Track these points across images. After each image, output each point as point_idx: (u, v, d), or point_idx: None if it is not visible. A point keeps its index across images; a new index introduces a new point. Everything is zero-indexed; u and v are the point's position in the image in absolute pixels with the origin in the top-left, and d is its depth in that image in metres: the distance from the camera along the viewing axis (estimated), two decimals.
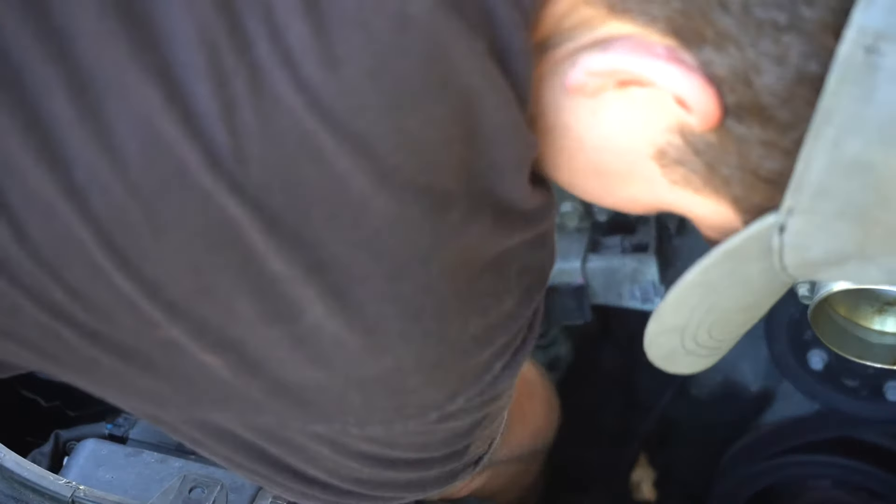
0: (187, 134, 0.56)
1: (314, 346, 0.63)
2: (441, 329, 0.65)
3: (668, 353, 0.73)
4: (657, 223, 1.36)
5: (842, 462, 1.40)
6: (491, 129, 0.61)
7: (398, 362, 0.65)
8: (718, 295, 0.68)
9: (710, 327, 0.71)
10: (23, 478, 0.86)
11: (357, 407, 0.67)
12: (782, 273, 0.64)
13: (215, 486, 0.83)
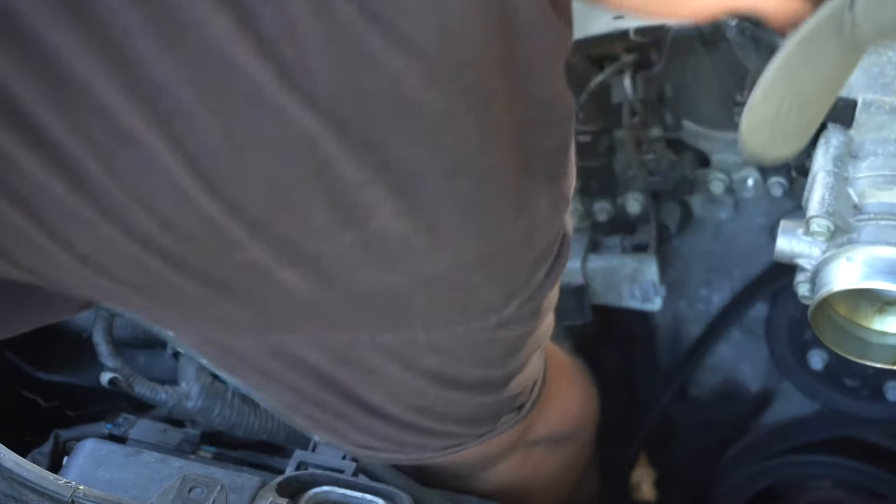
0: (259, 55, 0.59)
1: (382, 249, 0.66)
2: (494, 224, 0.68)
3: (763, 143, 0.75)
4: (657, 223, 1.36)
5: (842, 462, 1.40)
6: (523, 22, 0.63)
7: (458, 258, 0.68)
8: (801, 79, 0.70)
9: (797, 110, 0.73)
10: (23, 478, 0.86)
11: (423, 309, 0.70)
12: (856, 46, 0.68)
13: (215, 486, 0.83)
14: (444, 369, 0.76)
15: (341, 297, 0.68)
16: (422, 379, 0.76)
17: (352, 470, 0.94)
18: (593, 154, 1.28)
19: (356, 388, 0.76)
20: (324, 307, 0.69)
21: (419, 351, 0.73)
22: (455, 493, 1.04)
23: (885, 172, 0.97)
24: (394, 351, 0.73)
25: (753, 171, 1.27)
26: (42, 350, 1.28)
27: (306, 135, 0.61)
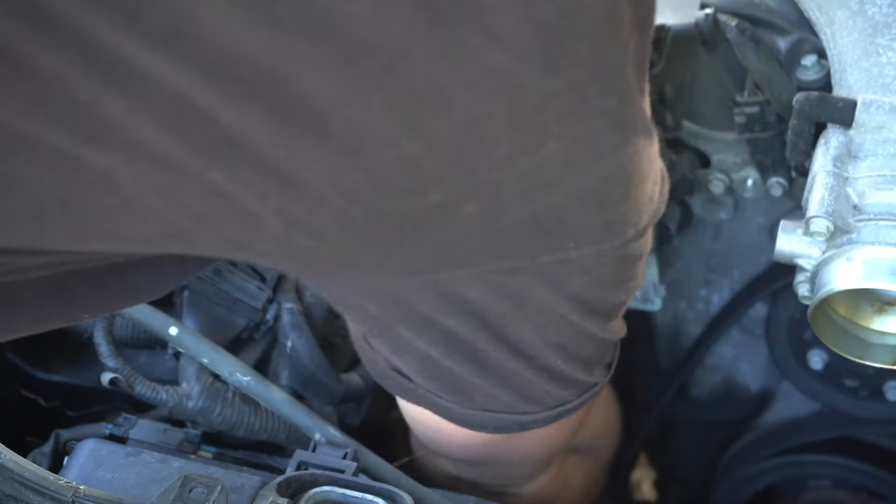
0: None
1: (550, 171, 0.70)
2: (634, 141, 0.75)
3: None
4: (657, 223, 1.36)
5: (842, 462, 1.40)
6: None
7: (608, 172, 0.73)
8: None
9: None
10: (23, 478, 0.86)
11: (577, 227, 0.75)
12: None
13: (215, 486, 0.83)
14: (587, 293, 0.81)
15: (511, 223, 0.72)
16: (567, 304, 0.81)
17: (352, 470, 0.94)
18: None
19: (507, 325, 0.81)
20: (495, 237, 0.73)
21: (569, 271, 0.78)
22: (455, 494, 1.04)
23: (884, 172, 0.97)
24: (548, 273, 0.78)
25: (753, 172, 1.28)
26: (43, 350, 1.28)
27: (499, 68, 0.64)
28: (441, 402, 0.92)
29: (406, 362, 0.88)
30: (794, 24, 1.08)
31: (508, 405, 0.90)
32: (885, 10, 1.01)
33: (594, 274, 0.80)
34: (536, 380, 0.88)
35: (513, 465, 1.11)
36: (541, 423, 0.94)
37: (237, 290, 1.21)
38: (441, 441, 1.07)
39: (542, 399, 0.90)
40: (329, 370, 1.20)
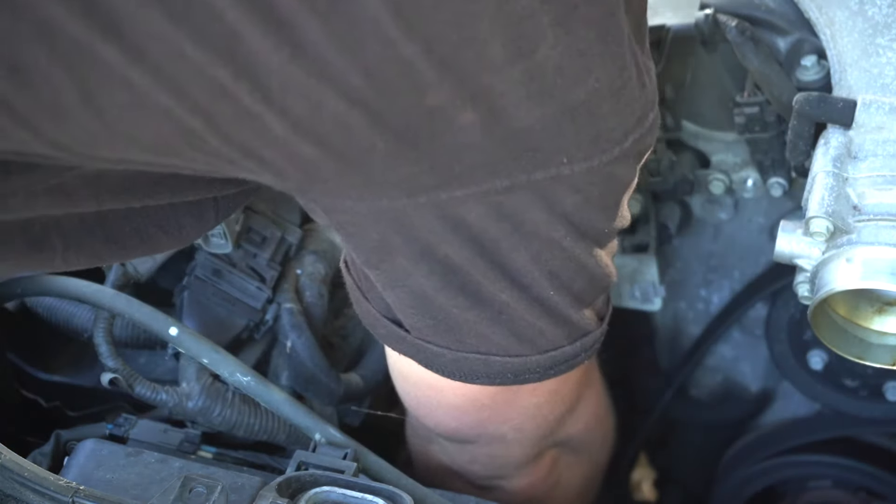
0: None
1: (541, 80, 0.74)
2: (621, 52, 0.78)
3: None
4: (657, 223, 1.36)
5: (842, 462, 1.40)
6: None
7: (598, 85, 0.77)
8: None
9: None
10: (23, 478, 0.86)
11: (568, 141, 0.78)
12: None
13: (215, 486, 0.83)
14: (578, 213, 0.83)
15: (506, 134, 0.75)
16: (560, 225, 0.83)
17: (352, 470, 0.94)
18: None
19: (503, 250, 0.83)
20: (492, 149, 0.75)
21: (562, 189, 0.80)
22: (455, 494, 1.04)
23: (884, 173, 0.97)
24: (542, 192, 0.80)
25: (753, 172, 1.28)
26: (43, 350, 1.28)
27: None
28: (431, 349, 0.92)
29: (399, 298, 0.89)
30: (794, 24, 1.08)
31: (500, 346, 0.90)
32: (885, 10, 1.01)
33: (584, 193, 0.82)
34: (529, 313, 0.88)
35: (503, 442, 1.10)
36: (534, 374, 0.93)
37: (237, 291, 1.21)
38: (431, 406, 1.06)
39: (535, 339, 0.90)
40: (329, 370, 1.20)
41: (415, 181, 0.76)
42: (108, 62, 0.68)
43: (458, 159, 0.76)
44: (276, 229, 1.24)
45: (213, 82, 0.69)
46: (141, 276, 1.19)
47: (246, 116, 0.71)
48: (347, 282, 0.96)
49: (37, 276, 1.16)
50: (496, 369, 0.93)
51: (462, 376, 0.94)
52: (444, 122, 0.73)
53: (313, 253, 1.27)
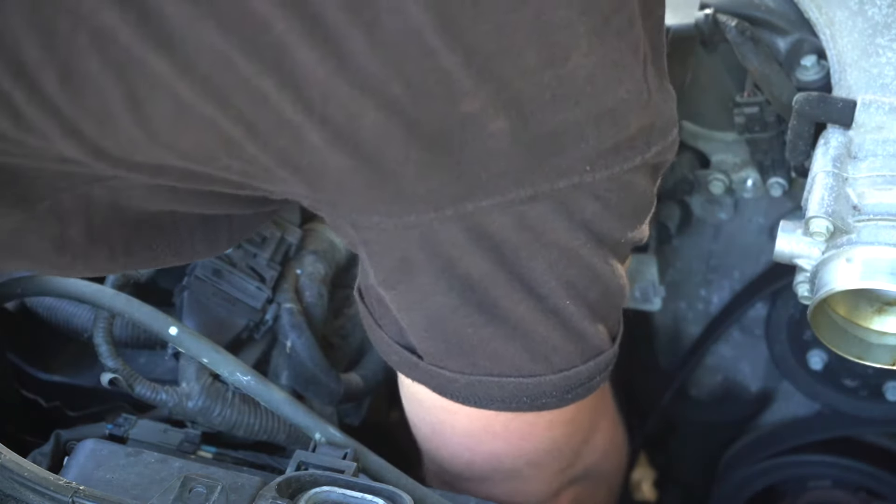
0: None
1: (570, 86, 0.75)
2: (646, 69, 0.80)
3: None
4: (657, 223, 1.36)
5: (842, 462, 1.40)
6: None
7: (624, 94, 0.78)
8: None
9: None
10: (23, 478, 0.86)
11: (591, 148, 0.79)
12: None
13: (215, 486, 0.83)
14: (598, 221, 0.84)
15: (532, 140, 0.76)
16: (580, 233, 0.84)
17: (352, 470, 0.94)
18: None
19: (522, 260, 0.83)
20: (518, 157, 0.76)
21: (584, 198, 0.82)
22: (455, 494, 1.04)
23: (884, 173, 0.97)
24: (564, 200, 0.81)
25: (753, 172, 1.28)
26: (43, 350, 1.28)
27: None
28: (444, 374, 0.92)
29: (414, 322, 0.89)
30: (793, 24, 1.08)
31: (514, 365, 0.90)
32: (884, 10, 1.01)
33: (604, 201, 0.83)
34: (544, 326, 0.88)
35: (519, 478, 1.08)
36: (550, 399, 0.92)
37: (237, 291, 1.21)
38: (444, 434, 1.05)
39: (548, 356, 0.90)
40: (329, 370, 1.20)
41: (443, 192, 0.78)
42: (158, 72, 0.70)
43: (485, 167, 0.77)
44: (276, 229, 1.24)
45: (257, 93, 0.71)
46: (141, 277, 1.19)
47: (286, 126, 0.72)
48: (361, 310, 0.97)
49: (37, 277, 1.16)
50: (511, 392, 0.92)
51: (476, 401, 0.93)
52: (475, 128, 0.74)
53: (313, 253, 1.27)
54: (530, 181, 0.79)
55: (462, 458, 1.06)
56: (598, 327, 0.92)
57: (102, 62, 0.70)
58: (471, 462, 1.06)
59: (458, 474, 1.09)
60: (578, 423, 1.08)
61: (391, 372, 1.32)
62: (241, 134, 0.73)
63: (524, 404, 0.93)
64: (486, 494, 1.10)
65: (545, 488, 1.12)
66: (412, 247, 0.82)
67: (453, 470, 1.09)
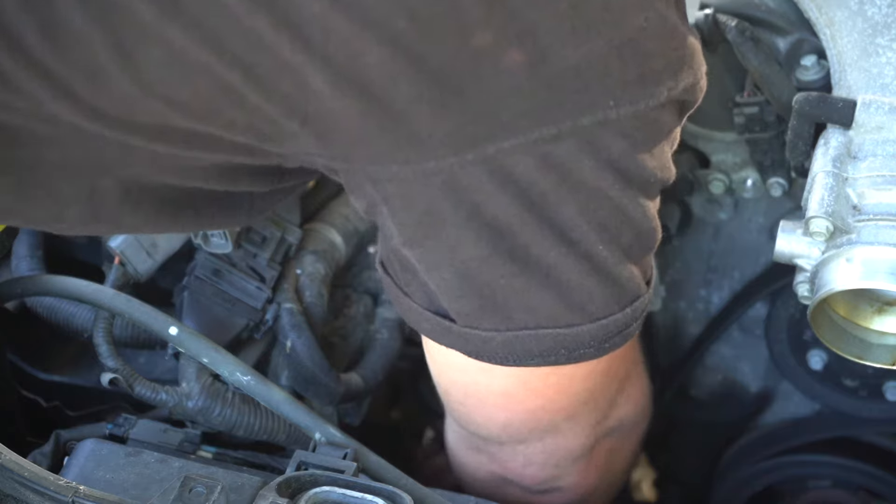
0: None
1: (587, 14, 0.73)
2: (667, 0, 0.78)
3: None
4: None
5: (842, 462, 1.40)
6: None
7: (646, 22, 0.76)
8: None
9: None
10: (23, 478, 0.86)
11: (614, 81, 0.76)
12: None
13: (215, 486, 0.83)
14: (625, 158, 0.81)
15: (551, 75, 0.73)
16: (608, 173, 0.81)
17: (352, 470, 0.94)
18: None
19: (551, 204, 0.80)
20: (537, 93, 0.74)
21: (609, 135, 0.78)
22: (455, 493, 1.04)
23: (884, 173, 0.97)
24: (590, 139, 0.78)
25: (753, 172, 1.28)
26: (43, 350, 1.28)
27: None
28: (479, 335, 0.88)
29: (445, 280, 0.85)
30: (793, 24, 1.08)
31: (550, 316, 0.87)
32: (884, 10, 1.01)
33: (631, 139, 0.80)
34: (577, 272, 0.84)
35: (557, 433, 1.06)
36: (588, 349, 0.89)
37: (237, 291, 1.21)
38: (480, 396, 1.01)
39: (585, 304, 0.87)
40: (329, 370, 1.20)
41: (461, 134, 0.75)
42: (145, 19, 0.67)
43: (504, 106, 0.74)
44: (276, 229, 1.24)
45: (251, 33, 0.67)
46: (141, 276, 1.19)
47: (286, 68, 0.69)
48: (385, 282, 0.94)
49: (37, 277, 1.16)
50: (548, 345, 0.88)
51: (514, 359, 0.90)
52: (489, 64, 0.71)
53: (313, 253, 1.27)
54: (552, 119, 0.76)
55: (498, 419, 1.04)
56: (633, 271, 0.89)
57: (86, 12, 0.67)
58: (507, 423, 1.04)
59: (494, 437, 1.08)
60: (614, 373, 1.06)
61: (391, 372, 1.33)
62: (240, 79, 0.70)
63: (562, 357, 0.89)
64: (523, 458, 1.10)
65: (582, 442, 1.10)
66: (435, 196, 0.79)
67: (489, 433, 1.07)
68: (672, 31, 0.78)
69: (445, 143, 0.75)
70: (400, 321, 1.32)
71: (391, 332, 1.32)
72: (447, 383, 1.05)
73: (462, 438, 1.15)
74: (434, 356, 1.01)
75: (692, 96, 0.84)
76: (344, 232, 1.32)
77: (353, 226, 1.33)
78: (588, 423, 1.08)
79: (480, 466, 1.16)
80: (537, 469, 1.11)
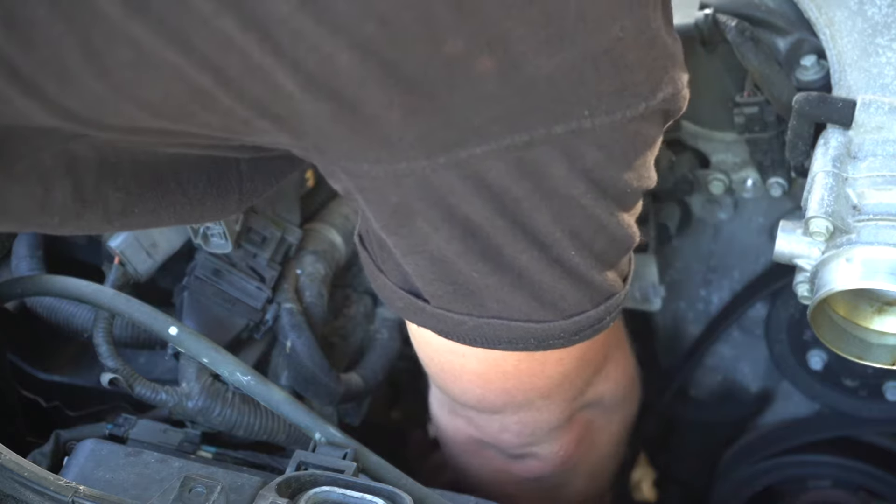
0: None
1: (560, 24, 0.72)
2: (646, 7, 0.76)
3: None
4: (657, 223, 1.36)
5: (842, 462, 1.40)
6: None
7: (621, 32, 0.74)
8: None
9: None
10: (23, 478, 0.86)
11: (589, 92, 0.75)
12: None
13: (215, 486, 0.83)
14: (599, 170, 0.80)
15: (524, 83, 0.73)
16: (581, 182, 0.80)
17: (352, 470, 0.94)
18: None
19: (524, 210, 0.80)
20: (509, 101, 0.74)
21: (584, 145, 0.78)
22: (455, 494, 1.04)
23: (884, 173, 0.97)
24: (564, 147, 0.78)
25: (753, 172, 1.28)
26: (43, 350, 1.28)
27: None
28: (452, 317, 0.89)
29: (418, 265, 0.86)
30: (793, 24, 1.08)
31: (522, 311, 0.87)
32: (884, 10, 1.01)
33: (607, 150, 0.79)
34: (549, 275, 0.85)
35: (532, 408, 1.07)
36: (558, 340, 0.90)
37: (237, 291, 1.21)
38: (454, 373, 1.03)
39: (557, 303, 0.87)
40: (329, 370, 1.20)
41: (432, 139, 0.74)
42: (110, 16, 0.66)
43: (475, 112, 0.73)
44: (276, 229, 1.24)
45: (219, 34, 0.67)
46: (140, 276, 1.19)
47: (257, 71, 0.69)
48: (362, 256, 0.94)
49: (37, 277, 1.16)
50: (518, 334, 0.89)
51: (484, 342, 0.91)
52: (461, 71, 0.71)
53: (313, 253, 1.27)
54: (525, 126, 0.75)
55: (474, 393, 1.05)
56: (607, 274, 0.89)
57: (52, 8, 0.65)
58: (482, 397, 1.05)
59: (471, 406, 1.09)
60: (589, 359, 1.07)
61: (391, 372, 1.33)
62: (211, 82, 0.69)
63: (531, 345, 0.90)
64: (498, 425, 1.11)
65: (557, 416, 1.11)
66: (408, 194, 0.79)
67: (466, 402, 1.08)
68: (651, 41, 0.77)
69: (416, 146, 0.75)
70: (400, 321, 1.32)
71: (391, 332, 1.32)
72: (424, 358, 1.06)
73: (442, 402, 1.17)
74: (412, 330, 1.02)
75: (674, 106, 0.82)
76: (344, 232, 1.32)
77: (354, 225, 1.33)
78: (563, 400, 1.09)
79: (459, 430, 1.17)
80: (513, 436, 1.13)
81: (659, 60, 0.79)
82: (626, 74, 0.76)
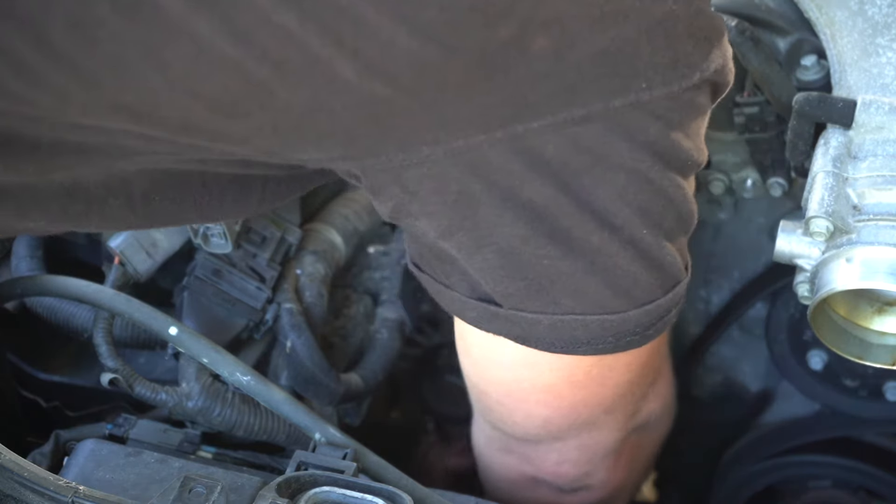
0: None
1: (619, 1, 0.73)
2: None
3: None
4: None
5: (842, 462, 1.40)
6: None
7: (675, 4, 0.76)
8: None
9: None
10: (23, 478, 0.86)
11: (645, 64, 0.76)
12: None
13: (215, 486, 0.83)
14: (662, 140, 0.80)
15: (582, 59, 0.74)
16: (645, 155, 0.80)
17: (352, 470, 0.94)
18: None
19: (586, 186, 0.80)
20: (567, 75, 0.74)
21: (643, 117, 0.78)
22: (455, 494, 1.04)
23: (884, 173, 0.97)
24: (622, 121, 0.78)
25: (753, 172, 1.28)
26: (43, 350, 1.28)
27: None
28: (526, 317, 0.87)
29: (487, 261, 0.85)
30: (793, 24, 1.08)
31: (596, 301, 0.86)
32: (884, 10, 1.01)
33: (667, 121, 0.80)
34: (623, 258, 0.84)
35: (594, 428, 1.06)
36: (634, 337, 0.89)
37: (237, 291, 1.21)
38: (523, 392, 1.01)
39: (630, 290, 0.86)
40: (329, 370, 1.20)
41: (490, 113, 0.75)
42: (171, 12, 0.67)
43: (531, 89, 0.74)
44: (276, 229, 1.24)
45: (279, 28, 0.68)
46: (141, 276, 1.19)
47: (315, 62, 0.69)
48: (423, 280, 0.93)
49: (37, 277, 1.16)
50: (595, 332, 0.88)
51: (561, 346, 0.89)
52: (517, 51, 0.72)
53: (313, 253, 1.27)
54: (582, 101, 0.76)
55: (539, 416, 1.03)
56: (676, 255, 0.88)
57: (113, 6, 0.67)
58: (548, 420, 1.03)
59: (531, 436, 1.07)
60: (650, 365, 1.06)
61: (391, 372, 1.33)
62: (269, 74, 0.70)
63: (609, 345, 0.89)
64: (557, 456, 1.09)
65: (616, 436, 1.10)
66: (467, 177, 0.79)
67: (526, 432, 1.06)
68: (698, 12, 0.78)
69: (474, 122, 0.75)
70: (400, 321, 1.32)
71: (391, 332, 1.32)
72: (486, 382, 1.04)
73: (493, 440, 1.15)
74: (474, 356, 1.01)
75: (723, 78, 0.83)
76: (344, 232, 1.32)
77: (353, 226, 1.33)
78: (623, 417, 1.08)
79: (511, 468, 1.15)
80: (571, 466, 1.11)
81: (705, 31, 0.79)
82: (678, 46, 0.77)
